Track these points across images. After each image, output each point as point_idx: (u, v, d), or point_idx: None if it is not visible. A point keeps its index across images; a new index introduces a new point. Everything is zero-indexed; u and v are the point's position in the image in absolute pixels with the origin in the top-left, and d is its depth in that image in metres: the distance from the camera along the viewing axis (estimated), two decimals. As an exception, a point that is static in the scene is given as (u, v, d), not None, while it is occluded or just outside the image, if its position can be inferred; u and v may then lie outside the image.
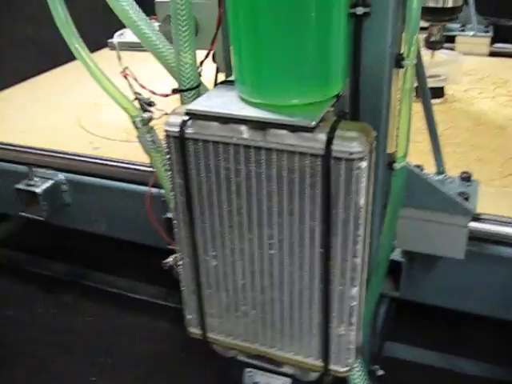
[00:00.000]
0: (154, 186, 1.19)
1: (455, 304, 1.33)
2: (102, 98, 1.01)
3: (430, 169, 1.25)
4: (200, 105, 0.85)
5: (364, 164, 0.77)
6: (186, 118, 0.85)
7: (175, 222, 0.95)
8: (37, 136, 1.74)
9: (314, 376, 1.05)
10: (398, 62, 0.91)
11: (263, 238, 0.88)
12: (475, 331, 1.54)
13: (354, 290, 0.87)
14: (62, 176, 1.63)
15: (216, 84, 0.98)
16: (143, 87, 1.06)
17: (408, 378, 1.42)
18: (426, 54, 1.86)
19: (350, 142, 0.76)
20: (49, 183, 1.60)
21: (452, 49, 2.30)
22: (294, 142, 0.78)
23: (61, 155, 1.60)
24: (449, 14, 1.70)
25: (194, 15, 1.03)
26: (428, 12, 1.72)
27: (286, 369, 1.04)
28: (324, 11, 0.77)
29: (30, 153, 1.63)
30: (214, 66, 1.18)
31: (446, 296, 1.32)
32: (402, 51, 0.91)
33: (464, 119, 1.72)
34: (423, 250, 1.15)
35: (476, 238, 1.19)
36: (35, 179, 1.61)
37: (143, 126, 1.02)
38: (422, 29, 1.89)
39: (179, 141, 0.85)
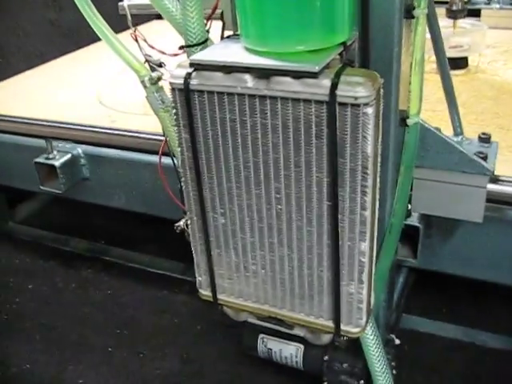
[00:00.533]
0: (166, 155, 1.18)
1: (475, 273, 1.29)
2: (122, 75, 1.01)
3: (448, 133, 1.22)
4: (204, 55, 0.84)
5: (370, 110, 0.74)
6: (191, 69, 0.84)
7: (183, 179, 0.94)
8: (56, 111, 1.75)
9: (325, 339, 1.03)
10: (409, 12, 0.89)
11: (271, 192, 0.87)
12: (499, 303, 1.50)
13: (364, 245, 0.85)
14: (80, 149, 1.64)
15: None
16: (153, 47, 1.05)
17: (426, 350, 1.39)
18: (448, 23, 1.82)
19: (355, 87, 0.73)
20: (67, 157, 1.61)
21: (477, 22, 2.25)
22: (298, 89, 0.76)
23: (78, 127, 1.60)
24: (471, -19, 1.66)
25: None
26: (450, -21, 1.68)
27: (296, 331, 1.02)
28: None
29: (48, 126, 1.64)
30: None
31: (466, 264, 1.29)
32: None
33: (487, 89, 1.67)
34: (439, 213, 1.12)
35: (496, 200, 1.15)
36: (54, 153, 1.62)
37: (151, 84, 1.01)
38: (442, 3, 1.85)
39: (184, 93, 0.84)
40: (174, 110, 0.88)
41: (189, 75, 0.83)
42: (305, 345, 1.14)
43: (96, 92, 1.93)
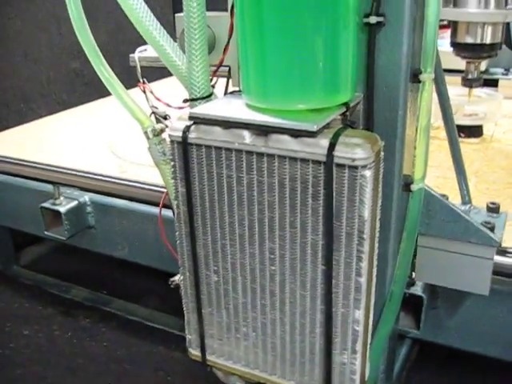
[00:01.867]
0: (168, 207, 1.17)
1: (482, 349, 1.24)
2: (136, 127, 1.02)
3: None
4: (203, 109, 0.83)
5: (368, 173, 0.72)
6: (190, 123, 0.83)
7: (177, 233, 0.92)
8: (68, 158, 1.75)
9: (317, 410, 0.98)
10: (416, 76, 0.88)
11: (265, 252, 0.84)
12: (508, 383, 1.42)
13: (358, 313, 0.81)
14: (86, 197, 1.63)
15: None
16: (159, 100, 1.05)
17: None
18: (463, 91, 1.82)
19: (353, 149, 0.72)
20: (73, 203, 1.61)
21: (495, 93, 2.25)
22: (296, 148, 0.75)
23: (86, 175, 1.60)
24: (487, 50, 1.65)
25: (212, 29, 1.04)
26: (465, 49, 1.68)
27: (287, 399, 0.97)
28: (331, 21, 0.75)
29: (57, 171, 1.64)
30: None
31: (472, 339, 1.23)
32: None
33: (501, 158, 1.65)
34: (443, 283, 1.08)
35: (505, 273, 1.11)
36: (61, 198, 1.62)
37: (154, 136, 1.01)
38: (458, 71, 1.85)
39: (182, 146, 0.83)
40: (172, 163, 0.87)
41: (187, 128, 0.83)
42: (296, 415, 1.08)
43: (109, 142, 1.94)
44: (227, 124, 0.79)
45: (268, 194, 0.80)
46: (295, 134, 0.74)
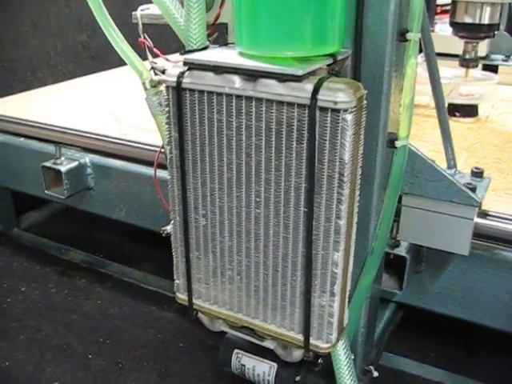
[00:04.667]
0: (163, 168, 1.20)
1: (463, 314, 1.27)
2: (139, 96, 1.06)
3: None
4: (198, 55, 0.87)
5: (349, 116, 0.76)
6: (185, 69, 0.87)
7: (169, 178, 0.96)
8: (70, 121, 1.79)
9: (296, 355, 1.02)
10: (402, 34, 0.91)
11: (251, 195, 0.88)
12: (490, 349, 1.46)
13: (337, 255, 0.85)
14: (87, 159, 1.67)
15: (221, 46, 1.00)
16: (158, 54, 1.09)
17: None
18: (460, 71, 1.85)
19: (336, 92, 0.75)
20: (74, 164, 1.65)
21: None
22: (282, 92, 0.78)
23: (87, 135, 1.64)
24: (485, 31, 1.69)
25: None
26: (463, 28, 1.71)
27: (267, 343, 1.01)
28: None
29: (58, 131, 1.68)
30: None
31: (454, 304, 1.27)
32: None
33: (494, 137, 1.68)
34: (425, 243, 1.11)
35: (486, 236, 1.14)
36: (62, 159, 1.66)
37: (152, 87, 1.05)
38: (454, 56, 1.89)
39: (176, 91, 0.87)
40: (167, 108, 0.90)
41: (182, 74, 0.86)
42: (278, 364, 1.12)
43: (111, 109, 1.98)
44: (219, 69, 0.83)
45: (255, 138, 0.84)
46: (282, 78, 0.78)
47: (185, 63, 0.86)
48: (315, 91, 0.76)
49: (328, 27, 0.81)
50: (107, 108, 2.00)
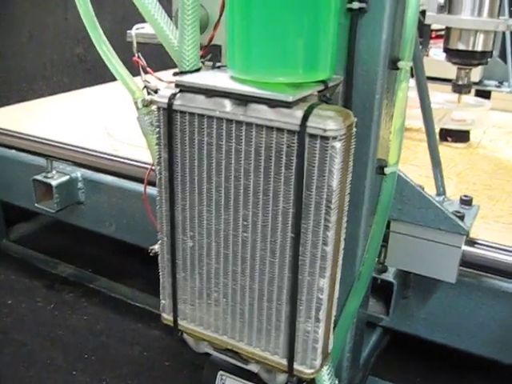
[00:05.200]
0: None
1: (450, 341, 1.27)
2: (133, 112, 1.06)
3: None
4: (189, 78, 0.87)
5: (338, 144, 0.76)
6: (176, 90, 0.87)
7: (158, 198, 0.96)
8: (63, 135, 1.79)
9: (280, 380, 1.01)
10: (394, 63, 0.92)
11: (238, 218, 0.88)
12: (476, 377, 1.46)
13: (323, 282, 0.85)
14: (79, 173, 1.67)
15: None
16: (151, 73, 1.09)
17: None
18: (452, 97, 1.87)
19: (325, 120, 0.76)
20: (65, 178, 1.65)
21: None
22: (272, 117, 0.79)
23: (79, 149, 1.64)
24: (478, 58, 1.70)
25: (205, 9, 1.08)
26: (457, 55, 1.73)
27: (252, 367, 1.01)
28: (315, 2, 0.79)
29: (50, 145, 1.68)
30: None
31: (441, 331, 1.27)
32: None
33: (485, 163, 1.69)
34: (413, 269, 1.12)
35: (473, 265, 1.15)
36: (53, 172, 1.65)
37: (143, 106, 1.05)
38: (448, 80, 1.90)
39: (167, 112, 0.87)
40: (157, 129, 0.91)
41: (173, 96, 0.87)
42: (263, 386, 1.12)
43: (105, 124, 1.98)
44: (210, 92, 0.83)
45: (244, 162, 0.84)
46: (272, 103, 0.78)
47: (176, 85, 0.87)
48: (305, 118, 0.76)
49: (320, 54, 0.82)
50: (101, 123, 2.00)
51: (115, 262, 2.01)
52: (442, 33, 1.95)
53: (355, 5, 0.86)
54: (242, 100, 0.81)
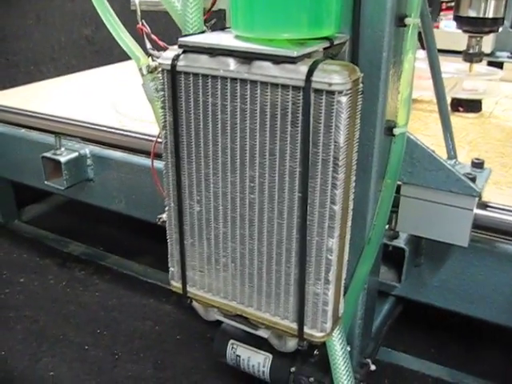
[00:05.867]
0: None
1: (464, 308, 1.25)
2: (140, 90, 1.06)
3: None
4: (193, 38, 0.86)
5: (344, 99, 0.75)
6: (179, 51, 0.86)
7: (164, 164, 0.95)
8: (71, 112, 1.78)
9: (291, 345, 1.01)
10: (401, 19, 0.90)
11: (245, 180, 0.87)
12: (491, 345, 1.45)
13: (332, 242, 0.84)
14: (87, 150, 1.67)
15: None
16: (156, 41, 1.08)
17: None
18: (463, 66, 1.83)
19: (331, 74, 0.74)
20: (74, 155, 1.64)
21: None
22: (277, 74, 0.77)
23: (87, 125, 1.64)
24: (489, 25, 1.66)
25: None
26: (467, 22, 1.69)
27: (261, 332, 1.00)
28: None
29: (58, 121, 1.68)
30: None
31: (454, 298, 1.25)
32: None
33: (497, 132, 1.66)
34: (424, 234, 1.10)
35: (485, 227, 1.13)
36: (62, 149, 1.65)
37: (148, 73, 1.04)
38: (459, 52, 1.86)
39: (171, 74, 0.86)
40: (162, 92, 0.89)
41: (177, 57, 0.85)
42: (273, 354, 1.11)
43: (113, 101, 1.97)
44: (213, 51, 0.82)
45: (250, 122, 0.82)
46: (276, 59, 0.77)
47: (179, 46, 0.85)
48: (309, 73, 0.75)
49: (324, 9, 0.80)
50: (109, 101, 1.99)
51: (126, 240, 2.01)
52: (453, 4, 1.91)
53: (360, -41, 0.84)
54: (246, 58, 0.80)
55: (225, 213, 0.91)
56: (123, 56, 1.11)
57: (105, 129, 1.61)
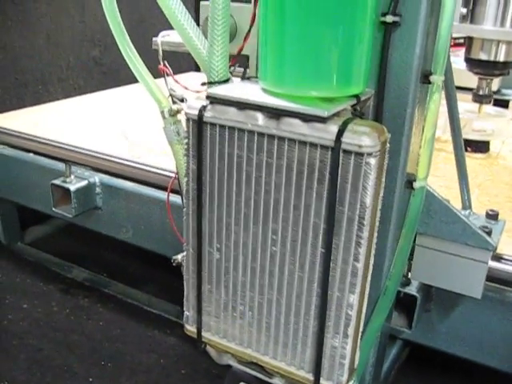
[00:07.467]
0: (176, 193, 1.19)
1: (471, 355, 1.26)
2: (151, 116, 1.06)
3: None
4: (220, 90, 0.86)
5: (373, 161, 0.75)
6: (207, 102, 0.86)
7: (185, 209, 0.95)
8: (81, 139, 1.79)
9: (305, 394, 1.00)
10: (426, 77, 0.91)
11: (267, 232, 0.87)
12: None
13: (353, 298, 0.84)
14: (97, 178, 1.67)
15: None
16: (177, 82, 1.09)
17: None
18: (473, 107, 1.85)
19: (361, 136, 0.75)
20: (83, 183, 1.64)
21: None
22: (306, 132, 0.78)
23: (98, 155, 1.64)
24: (500, 68, 1.68)
25: (234, 18, 1.08)
26: (478, 65, 1.71)
27: (276, 380, 1.00)
28: (349, 16, 0.78)
29: (69, 150, 1.68)
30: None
31: (461, 344, 1.26)
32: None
33: (505, 174, 1.68)
34: (438, 284, 1.10)
35: (498, 280, 1.13)
36: (71, 177, 1.65)
37: (170, 116, 1.04)
38: (469, 89, 1.88)
39: (197, 124, 0.87)
40: (186, 140, 0.90)
41: (204, 107, 0.86)
42: (285, 400, 1.11)
43: (123, 129, 1.98)
44: (242, 105, 0.83)
45: (275, 176, 0.83)
46: (306, 118, 0.78)
47: (207, 97, 0.86)
48: (340, 134, 0.75)
49: (354, 68, 0.81)
50: (118, 127, 1.99)
51: (130, 267, 2.01)
52: (461, 41, 1.93)
53: (389, 18, 0.85)
54: (275, 114, 0.80)
55: (245, 262, 0.92)
56: (130, 78, 1.11)
57: (115, 160, 1.61)
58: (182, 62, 3.04)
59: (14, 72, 2.37)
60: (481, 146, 1.84)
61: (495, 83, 2.25)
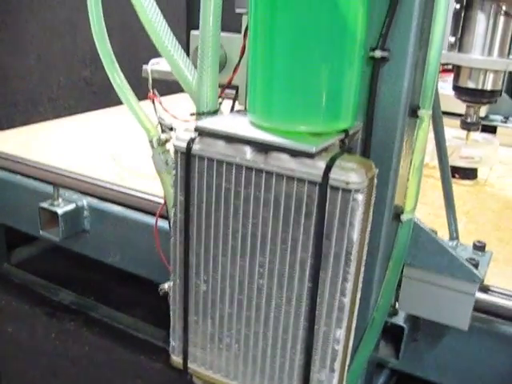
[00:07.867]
0: (164, 218, 1.19)
1: (459, 385, 1.25)
2: (142, 138, 1.06)
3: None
4: (209, 123, 0.86)
5: (360, 197, 0.76)
6: (195, 135, 0.86)
7: (172, 240, 0.95)
8: (69, 161, 1.78)
9: (291, 427, 0.99)
10: (414, 111, 0.92)
11: (254, 265, 0.87)
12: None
13: (339, 332, 0.84)
14: (85, 201, 1.66)
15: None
16: (166, 111, 1.09)
17: None
18: (461, 134, 1.87)
19: (348, 172, 0.75)
20: (71, 206, 1.63)
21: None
22: (294, 167, 0.78)
23: (86, 179, 1.63)
24: (487, 96, 1.71)
25: (224, 48, 1.09)
26: (466, 93, 1.73)
27: (262, 413, 0.99)
28: (338, 53, 0.80)
29: (57, 173, 1.67)
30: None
31: (448, 374, 1.25)
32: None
33: (492, 202, 1.69)
34: (425, 315, 1.10)
35: (485, 311, 1.13)
36: (59, 200, 1.64)
37: (158, 145, 1.04)
38: (458, 115, 1.90)
39: (186, 156, 0.87)
40: (174, 172, 0.90)
41: (192, 140, 0.86)
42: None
43: (112, 152, 1.97)
44: (230, 139, 0.83)
45: (263, 209, 0.83)
46: (294, 153, 0.78)
47: (196, 129, 0.86)
48: (327, 169, 0.76)
49: (343, 103, 0.82)
50: (107, 149, 1.99)
51: (117, 290, 1.98)
52: (449, 67, 1.96)
53: (378, 53, 0.86)
54: (263, 148, 0.80)
55: (231, 294, 0.91)
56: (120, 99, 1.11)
57: (104, 184, 1.61)
58: (172, 82, 3.05)
59: (5, 92, 2.36)
60: (468, 173, 1.85)
61: (483, 109, 2.27)
